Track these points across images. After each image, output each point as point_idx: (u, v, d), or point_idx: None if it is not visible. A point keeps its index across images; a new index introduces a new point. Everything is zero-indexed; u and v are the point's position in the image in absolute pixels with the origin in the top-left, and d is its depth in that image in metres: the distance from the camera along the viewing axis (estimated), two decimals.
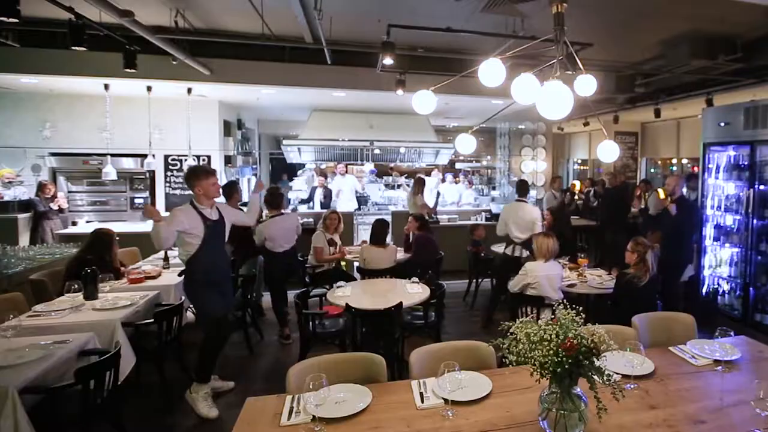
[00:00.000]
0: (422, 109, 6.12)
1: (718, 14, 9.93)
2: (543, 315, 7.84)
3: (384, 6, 10.08)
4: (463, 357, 4.55)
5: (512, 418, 3.85)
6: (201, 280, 7.30)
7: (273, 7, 9.65)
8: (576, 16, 8.81)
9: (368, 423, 3.83)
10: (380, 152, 21.09)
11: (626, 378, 4.34)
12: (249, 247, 10.70)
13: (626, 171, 23.13)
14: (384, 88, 13.59)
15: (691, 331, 5.77)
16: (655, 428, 3.72)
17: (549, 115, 4.20)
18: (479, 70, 4.79)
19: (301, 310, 7.76)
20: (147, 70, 11.64)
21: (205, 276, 7.30)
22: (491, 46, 10.80)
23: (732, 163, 10.73)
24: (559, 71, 4.38)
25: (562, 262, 9.57)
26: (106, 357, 5.54)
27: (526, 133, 20.68)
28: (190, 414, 7.20)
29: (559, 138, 27.11)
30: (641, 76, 14.96)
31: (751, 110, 10.01)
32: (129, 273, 8.95)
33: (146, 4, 9.88)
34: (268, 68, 13.20)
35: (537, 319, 5.07)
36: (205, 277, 7.30)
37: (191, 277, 7.35)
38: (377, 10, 10.27)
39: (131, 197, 16.53)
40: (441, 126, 25.16)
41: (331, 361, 4.71)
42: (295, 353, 8.39)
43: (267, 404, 4.13)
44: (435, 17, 10.22)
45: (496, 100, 15.51)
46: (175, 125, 16.22)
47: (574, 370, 3.33)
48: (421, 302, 8.01)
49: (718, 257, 11.15)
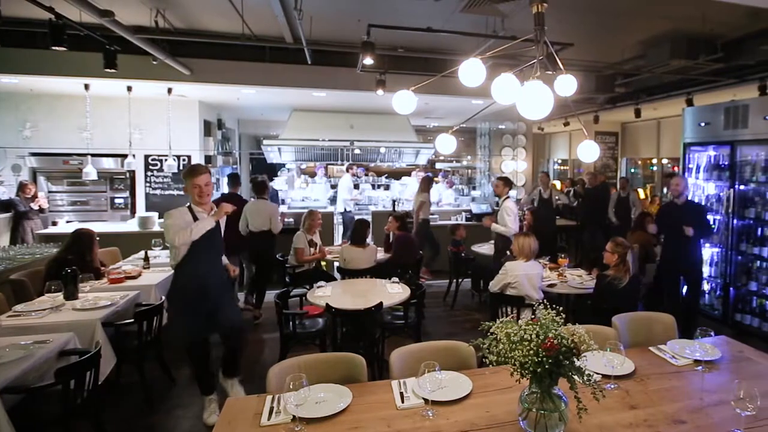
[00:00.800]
0: (402, 109, 6.09)
1: (698, 14, 9.97)
2: (523, 315, 7.85)
3: (364, 6, 10.09)
4: (443, 357, 4.54)
5: (492, 418, 3.85)
6: (182, 293, 6.75)
7: (253, 7, 9.68)
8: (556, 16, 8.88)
9: (348, 423, 3.82)
10: (360, 152, 21.13)
11: (606, 378, 4.35)
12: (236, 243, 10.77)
13: (606, 171, 23.26)
14: (364, 88, 13.61)
15: (671, 331, 5.78)
16: (635, 428, 3.72)
17: (529, 115, 4.19)
18: (459, 70, 4.76)
19: (282, 310, 7.75)
20: (127, 70, 11.65)
21: (187, 290, 6.70)
22: (471, 46, 10.83)
23: (712, 163, 10.79)
24: (540, 71, 4.37)
25: (542, 262, 9.58)
26: (86, 357, 5.52)
27: (506, 133, 20.67)
28: (170, 413, 7.21)
29: (540, 138, 27.35)
30: (621, 76, 15.01)
31: (732, 110, 10.07)
32: (109, 273, 8.92)
33: (126, 4, 9.87)
34: (248, 68, 13.22)
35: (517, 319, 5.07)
36: (187, 292, 6.70)
37: (174, 286, 6.87)
38: (357, 9, 10.28)
39: (111, 197, 16.52)
40: (421, 126, 25.29)
41: (312, 361, 4.70)
42: (275, 353, 8.35)
43: (247, 404, 4.12)
44: (415, 17, 10.24)
45: (476, 100, 15.58)
46: (156, 125, 16.21)
47: (554, 370, 3.32)
48: (401, 302, 8.01)
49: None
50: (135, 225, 14.02)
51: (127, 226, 14.46)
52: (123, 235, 13.18)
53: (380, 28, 9.69)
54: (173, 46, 11.96)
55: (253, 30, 10.75)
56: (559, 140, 27.38)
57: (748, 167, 9.97)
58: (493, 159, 21.37)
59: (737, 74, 12.10)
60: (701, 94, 13.62)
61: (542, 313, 3.57)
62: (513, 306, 8.06)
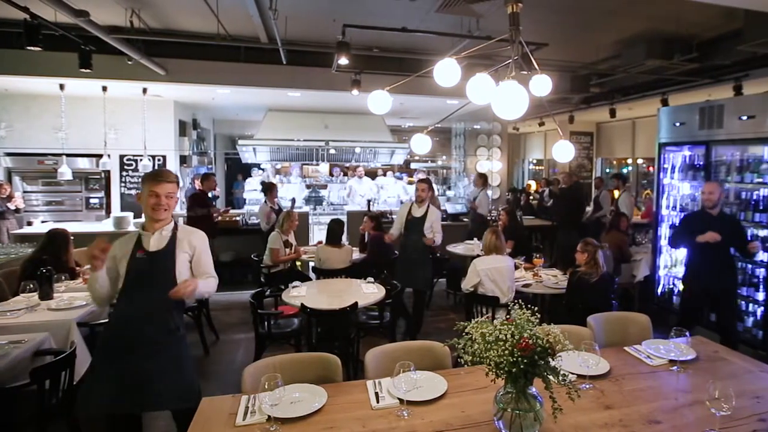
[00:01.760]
0: (377, 109, 6.11)
1: (674, 14, 10.04)
2: (498, 315, 7.78)
3: (339, 6, 10.11)
4: (418, 357, 4.56)
5: (468, 418, 3.85)
6: (100, 342, 5.00)
7: (228, 7, 9.65)
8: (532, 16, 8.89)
9: (323, 423, 3.81)
10: (335, 152, 21.18)
11: (582, 378, 4.36)
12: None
13: (581, 171, 23.36)
14: (339, 88, 13.62)
15: (646, 331, 5.80)
16: (610, 428, 3.73)
17: (504, 115, 4.18)
18: (434, 70, 4.77)
19: (257, 310, 7.78)
20: (102, 70, 11.64)
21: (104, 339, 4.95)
22: (447, 46, 10.94)
23: (687, 163, 10.80)
24: (515, 71, 4.37)
25: (518, 263, 9.67)
26: (61, 357, 5.52)
27: (481, 133, 20.64)
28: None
29: (515, 138, 27.38)
30: (596, 76, 15.08)
31: (707, 110, 10.05)
32: (84, 273, 8.85)
33: (102, 4, 9.84)
34: (223, 68, 13.22)
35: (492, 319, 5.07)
36: (104, 341, 4.94)
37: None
38: (332, 9, 10.29)
39: (86, 197, 16.52)
40: (396, 126, 25.45)
41: (287, 361, 4.70)
42: (250, 353, 8.37)
43: (222, 404, 4.11)
44: (390, 17, 10.25)
45: (451, 100, 15.66)
46: (131, 125, 16.21)
47: (529, 370, 3.32)
48: (376, 302, 8.00)
49: (674, 257, 11.21)
50: (110, 225, 14.00)
51: (102, 226, 14.48)
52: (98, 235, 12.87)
53: (355, 28, 9.74)
54: (148, 46, 11.94)
55: (228, 30, 10.72)
56: (534, 140, 27.52)
57: (723, 167, 9.98)
58: (468, 159, 21.36)
59: (712, 74, 12.16)
60: (676, 94, 13.73)
61: (517, 313, 3.56)
62: (488, 306, 8.01)
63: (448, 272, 12.40)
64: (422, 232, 9.93)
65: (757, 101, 9.12)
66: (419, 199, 10.09)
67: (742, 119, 9.26)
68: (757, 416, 3.87)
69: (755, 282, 9.22)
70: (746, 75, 11.45)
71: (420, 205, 10.10)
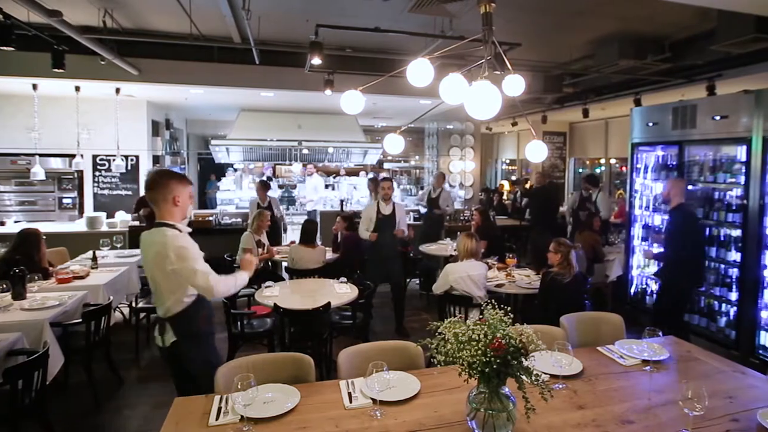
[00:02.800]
0: (350, 109, 6.07)
1: (647, 14, 10.06)
2: (471, 315, 7.82)
3: (312, 6, 10.08)
4: (391, 357, 4.57)
5: (440, 418, 3.86)
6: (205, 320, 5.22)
7: (201, 7, 9.63)
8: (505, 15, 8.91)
9: (296, 423, 3.82)
10: (309, 152, 21.25)
11: (555, 378, 4.38)
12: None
13: (554, 171, 23.36)
14: (312, 88, 13.61)
15: (619, 331, 5.83)
16: (583, 428, 3.74)
17: (477, 115, 4.17)
18: (407, 70, 4.74)
19: (229, 309, 7.80)
20: (75, 70, 11.61)
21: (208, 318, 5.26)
22: (420, 46, 10.96)
23: (660, 163, 10.87)
24: (488, 71, 4.35)
25: (491, 263, 9.69)
26: (34, 357, 5.53)
27: (454, 133, 20.68)
28: (118, 413, 7.25)
29: (488, 138, 27.50)
30: (570, 76, 15.13)
31: (680, 110, 10.11)
32: (57, 273, 8.88)
33: (74, 4, 9.78)
34: (196, 68, 13.20)
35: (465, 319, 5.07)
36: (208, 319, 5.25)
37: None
38: (305, 9, 10.26)
39: (59, 197, 16.41)
40: (369, 126, 25.43)
41: (260, 361, 4.71)
42: (223, 353, 8.20)
43: (195, 404, 4.10)
44: (363, 17, 10.25)
45: (424, 100, 15.63)
46: (104, 125, 16.15)
47: (502, 370, 3.33)
48: (349, 302, 8.04)
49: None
50: (83, 225, 14.06)
51: (75, 226, 14.50)
52: (71, 235, 13.22)
53: (328, 28, 9.66)
54: (121, 46, 11.88)
55: (201, 30, 10.68)
56: (508, 140, 27.52)
57: (696, 167, 10.04)
58: (441, 159, 21.40)
59: (685, 74, 12.17)
60: (649, 94, 13.75)
61: (490, 313, 3.57)
62: (461, 306, 8.05)
63: (421, 272, 12.53)
64: (394, 228, 10.35)
65: (730, 101, 9.18)
66: (386, 197, 10.40)
67: (715, 119, 9.31)
68: (730, 416, 3.89)
69: (728, 282, 9.26)
70: (719, 75, 11.46)
71: (387, 203, 10.42)
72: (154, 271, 4.87)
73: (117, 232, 12.97)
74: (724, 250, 9.24)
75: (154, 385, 8.15)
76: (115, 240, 11.22)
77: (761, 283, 8.51)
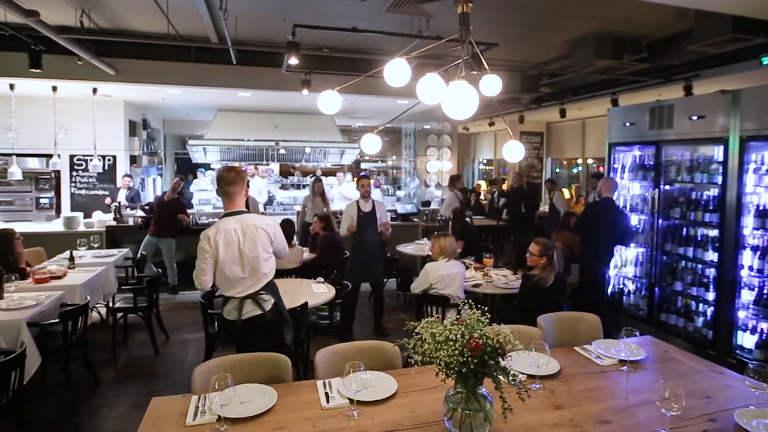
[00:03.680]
0: (327, 109, 6.11)
1: (624, 14, 10.10)
2: (448, 315, 7.79)
3: (289, 6, 10.09)
4: (368, 357, 4.55)
5: (418, 418, 3.85)
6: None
7: (178, 7, 9.59)
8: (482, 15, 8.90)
9: (274, 423, 3.80)
10: (286, 152, 21.17)
11: (532, 378, 4.35)
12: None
13: (532, 171, 23.47)
14: (289, 89, 13.63)
15: (596, 331, 5.81)
16: (560, 428, 3.73)
17: (454, 115, 4.18)
18: (384, 70, 4.76)
19: (207, 309, 7.77)
20: (52, 70, 11.64)
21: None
22: (397, 46, 10.99)
23: (637, 163, 10.85)
24: (465, 71, 4.35)
25: (467, 263, 9.70)
26: (11, 357, 5.50)
27: (431, 133, 20.74)
28: (95, 413, 7.24)
29: (465, 138, 27.61)
30: (547, 76, 15.17)
31: (657, 110, 10.12)
32: (34, 273, 8.80)
33: (51, 4, 9.75)
34: (173, 68, 13.20)
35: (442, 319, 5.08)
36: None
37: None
38: (283, 9, 10.28)
39: (36, 197, 16.41)
40: (347, 126, 25.55)
41: (237, 361, 4.69)
42: (200, 353, 8.41)
43: (172, 404, 4.07)
44: (341, 17, 10.27)
45: (401, 100, 15.68)
46: (81, 125, 16.15)
47: (479, 370, 3.32)
48: (326, 302, 8.05)
49: (624, 257, 11.27)
50: (60, 225, 13.98)
51: (52, 226, 14.45)
52: (48, 235, 13.17)
53: (305, 28, 9.74)
54: (98, 46, 11.89)
55: (178, 30, 10.62)
56: (485, 140, 27.65)
57: (673, 167, 10.03)
58: (419, 159, 21.46)
59: (662, 74, 12.26)
60: (626, 94, 13.80)
61: (467, 313, 3.57)
62: (438, 306, 8.06)
63: (399, 272, 12.50)
64: (376, 226, 10.40)
65: (707, 101, 9.20)
66: (366, 195, 10.51)
67: (692, 119, 9.33)
68: (707, 416, 3.89)
69: (705, 282, 9.27)
70: (696, 75, 11.55)
71: (366, 201, 10.49)
72: (257, 248, 5.82)
73: (94, 232, 12.87)
74: (701, 250, 9.27)
75: (132, 385, 8.16)
76: (93, 240, 11.15)
77: (738, 283, 8.54)
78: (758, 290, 8.25)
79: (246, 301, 5.88)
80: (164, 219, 12.94)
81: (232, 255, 5.72)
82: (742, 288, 8.55)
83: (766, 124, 8.06)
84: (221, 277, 5.81)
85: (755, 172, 8.31)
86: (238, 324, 5.86)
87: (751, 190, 8.39)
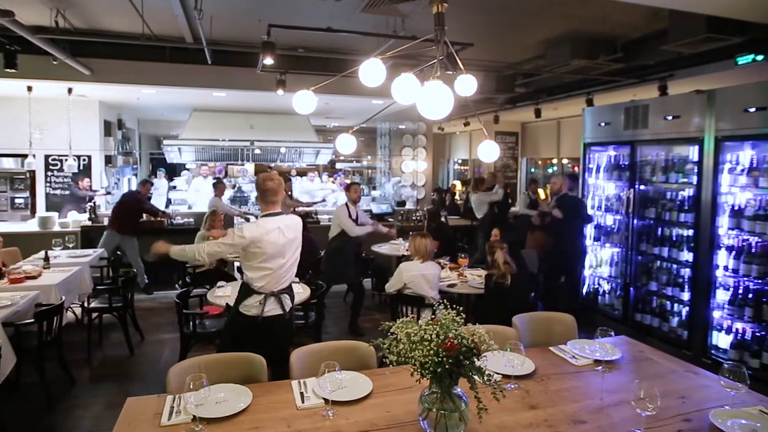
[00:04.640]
0: (302, 109, 6.08)
1: (599, 14, 10.13)
2: (423, 315, 7.81)
3: (264, 6, 10.11)
4: (343, 357, 4.53)
5: (393, 418, 3.85)
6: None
7: (153, 7, 9.58)
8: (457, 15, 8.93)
9: (249, 423, 3.80)
10: (261, 152, 21.12)
11: (507, 378, 4.37)
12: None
13: (507, 171, 23.42)
14: (264, 88, 13.63)
15: (571, 331, 5.83)
16: (535, 428, 3.73)
17: (429, 115, 4.18)
18: (360, 70, 4.76)
19: (182, 309, 7.74)
20: (27, 70, 11.64)
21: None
22: (372, 46, 10.95)
23: (612, 163, 10.92)
24: (440, 71, 4.36)
25: (443, 263, 9.67)
26: None
27: (406, 133, 20.73)
28: (70, 413, 7.21)
29: (440, 138, 27.74)
30: (522, 76, 15.26)
31: (632, 110, 10.18)
32: (9, 273, 8.78)
33: (26, 3, 9.71)
34: (148, 68, 13.19)
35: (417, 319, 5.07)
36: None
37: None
38: (258, 9, 10.29)
39: (11, 197, 16.29)
40: (322, 126, 25.51)
41: (212, 361, 4.69)
42: (175, 353, 8.40)
43: (147, 404, 4.06)
44: (316, 17, 10.26)
45: (376, 100, 15.68)
46: (56, 125, 16.05)
47: (454, 370, 3.32)
48: (301, 302, 8.00)
49: (599, 257, 11.34)
50: (35, 225, 14.00)
51: (27, 225, 14.44)
52: (23, 235, 13.14)
53: (280, 28, 9.69)
54: (74, 46, 11.83)
55: (153, 30, 10.60)
56: (460, 140, 27.62)
57: (648, 167, 10.09)
58: (394, 159, 21.49)
59: (637, 74, 12.28)
60: (601, 94, 13.82)
61: (442, 313, 3.57)
62: (413, 306, 8.06)
63: (374, 272, 12.55)
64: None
65: (682, 101, 9.27)
66: (357, 200, 10.79)
67: (667, 119, 9.39)
68: (682, 416, 3.90)
69: (680, 282, 9.33)
70: (671, 75, 11.58)
71: (355, 206, 10.69)
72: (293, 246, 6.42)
73: (69, 232, 12.97)
74: (676, 250, 9.33)
75: (107, 385, 8.14)
76: (68, 240, 11.22)
77: (713, 283, 8.60)
78: (733, 290, 8.31)
79: (270, 299, 6.06)
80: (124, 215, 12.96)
81: (277, 250, 6.06)
82: (717, 288, 8.61)
83: (741, 124, 8.12)
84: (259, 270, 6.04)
85: (730, 172, 8.37)
86: (259, 320, 6.00)
87: (726, 190, 8.46)
